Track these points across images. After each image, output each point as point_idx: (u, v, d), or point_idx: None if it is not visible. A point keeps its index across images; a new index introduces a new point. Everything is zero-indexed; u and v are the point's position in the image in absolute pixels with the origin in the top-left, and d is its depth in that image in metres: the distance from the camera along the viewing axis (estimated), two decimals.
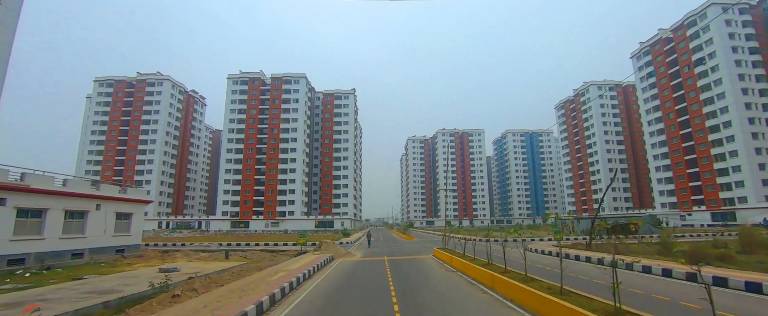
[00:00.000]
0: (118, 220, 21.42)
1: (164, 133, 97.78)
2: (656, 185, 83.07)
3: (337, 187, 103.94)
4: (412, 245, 34.28)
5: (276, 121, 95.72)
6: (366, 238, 37.39)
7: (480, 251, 20.47)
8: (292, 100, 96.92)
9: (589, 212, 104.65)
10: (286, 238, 49.14)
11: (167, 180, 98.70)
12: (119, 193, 21.62)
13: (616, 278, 7.64)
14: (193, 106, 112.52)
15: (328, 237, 47.78)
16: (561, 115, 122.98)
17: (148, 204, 25.00)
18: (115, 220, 21.06)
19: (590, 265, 20.28)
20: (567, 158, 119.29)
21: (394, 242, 40.48)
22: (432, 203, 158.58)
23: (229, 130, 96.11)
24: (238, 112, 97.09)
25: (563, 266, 10.92)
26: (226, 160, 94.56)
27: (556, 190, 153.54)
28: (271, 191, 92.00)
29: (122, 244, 21.71)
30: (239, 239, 49.54)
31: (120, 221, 21.64)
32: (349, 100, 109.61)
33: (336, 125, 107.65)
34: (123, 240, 21.77)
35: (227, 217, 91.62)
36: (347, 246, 35.30)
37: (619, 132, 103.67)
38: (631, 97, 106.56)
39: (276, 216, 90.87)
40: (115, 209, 21.27)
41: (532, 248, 28.96)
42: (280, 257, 22.63)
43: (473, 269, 15.83)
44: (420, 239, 47.78)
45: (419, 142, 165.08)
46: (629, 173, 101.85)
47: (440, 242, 39.23)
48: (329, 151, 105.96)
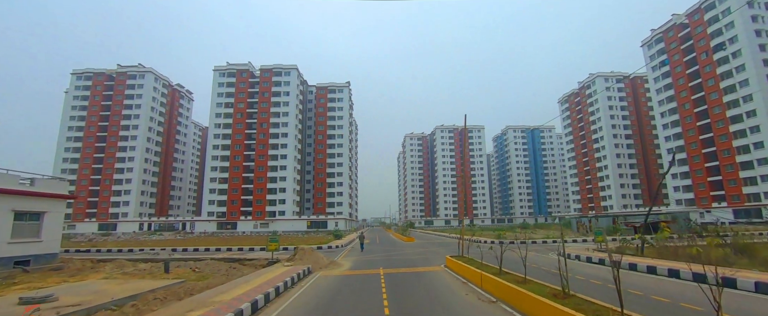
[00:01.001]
0: (18, 221, 15.67)
1: (146, 128, 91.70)
2: (670, 180, 77.98)
3: (331, 185, 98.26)
4: (414, 250, 28.75)
5: (265, 116, 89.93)
6: (358, 240, 31.90)
7: (507, 260, 14.94)
8: (283, 93, 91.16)
9: (597, 210, 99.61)
10: (264, 241, 43.35)
11: (150, 179, 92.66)
12: (20, 184, 15.89)
13: None
14: (178, 100, 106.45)
15: (312, 241, 42.21)
16: (565, 109, 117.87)
17: (68, 200, 19.16)
18: (12, 221, 15.33)
19: (658, 278, 14.82)
20: (572, 154, 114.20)
21: (393, 246, 34.97)
22: (430, 201, 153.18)
23: (215, 125, 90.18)
24: (224, 106, 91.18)
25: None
26: (212, 157, 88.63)
27: (558, 188, 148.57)
28: (260, 190, 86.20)
29: (26, 254, 15.92)
30: (221, 242, 43.79)
31: (22, 222, 15.89)
32: (343, 93, 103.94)
33: (330, 120, 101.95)
34: (27, 248, 15.95)
35: (213, 218, 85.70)
36: (337, 251, 29.74)
37: (628, 126, 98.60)
38: (640, 90, 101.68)
39: (265, 217, 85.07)
40: (10, 205, 15.50)
41: (568, 254, 23.51)
42: (243, 268, 17.09)
43: (532, 301, 9.22)
44: (422, 241, 42.19)
45: (417, 139, 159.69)
46: (638, 169, 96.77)
47: (447, 244, 33.71)
48: (323, 148, 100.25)
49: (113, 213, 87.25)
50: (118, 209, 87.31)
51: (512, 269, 14.06)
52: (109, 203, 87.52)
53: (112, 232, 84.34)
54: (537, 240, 34.36)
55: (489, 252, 17.33)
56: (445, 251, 26.52)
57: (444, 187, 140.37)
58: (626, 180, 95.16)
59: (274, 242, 19.44)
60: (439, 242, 41.84)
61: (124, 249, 33.05)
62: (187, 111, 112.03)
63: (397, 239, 50.35)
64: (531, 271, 13.98)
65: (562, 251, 17.00)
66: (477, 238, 41.38)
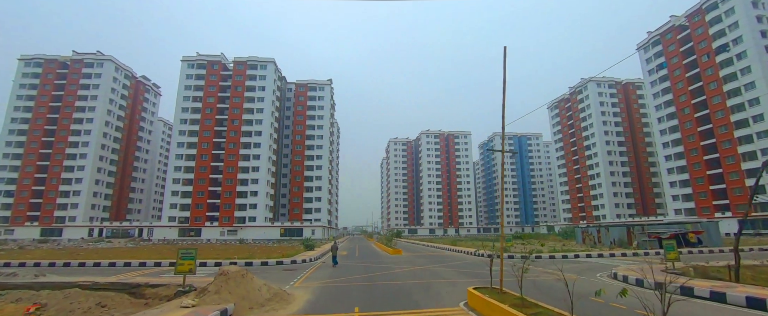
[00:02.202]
0: None
1: (103, 123, 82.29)
2: (668, 188, 74.03)
3: (309, 190, 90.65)
4: (405, 268, 21.68)
5: (238, 112, 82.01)
6: (331, 253, 24.95)
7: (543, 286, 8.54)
8: (258, 87, 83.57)
9: (588, 221, 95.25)
10: (216, 253, 36.12)
11: (105, 179, 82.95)
12: None
13: None
14: (143, 94, 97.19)
15: (276, 252, 35.06)
16: (555, 115, 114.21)
17: None
18: None
19: None
20: (561, 161, 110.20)
21: (376, 260, 28.03)
22: (414, 209, 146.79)
23: (181, 121, 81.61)
24: (192, 100, 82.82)
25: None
26: (176, 155, 79.89)
27: (545, 197, 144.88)
28: (228, 194, 77.88)
29: None
30: (149, 253, 35.84)
31: None
32: (324, 91, 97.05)
33: (309, 120, 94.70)
34: None
35: (175, 223, 76.72)
36: (301, 268, 22.67)
37: (620, 132, 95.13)
38: (632, 96, 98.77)
39: (234, 223, 76.71)
40: None
41: (615, 274, 17.16)
42: (119, 307, 10.11)
43: None
44: (411, 254, 35.26)
45: (402, 144, 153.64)
46: (631, 178, 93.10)
47: (444, 259, 26.98)
48: (301, 149, 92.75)
49: (59, 216, 77.14)
50: (65, 211, 77.27)
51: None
52: (54, 204, 77.41)
53: (56, 238, 74.48)
54: (542, 254, 28.17)
55: (509, 270, 10.99)
56: (446, 270, 19.99)
57: (429, 194, 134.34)
58: (619, 189, 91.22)
59: (188, 260, 12.42)
60: (431, 254, 35.11)
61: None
62: (154, 106, 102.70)
63: (381, 250, 43.09)
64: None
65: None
66: (472, 249, 34.98)
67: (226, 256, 29.03)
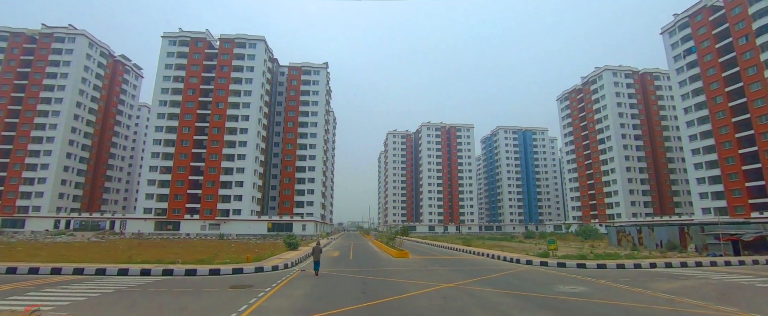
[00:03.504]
0: None
1: (74, 104, 74.51)
2: (695, 185, 67.44)
3: (301, 181, 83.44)
4: (424, 281, 13.68)
5: (223, 95, 74.47)
6: (317, 254, 17.70)
7: None
8: (246, 68, 75.99)
9: (600, 220, 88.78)
10: (173, 252, 29.02)
11: (76, 166, 75.28)
12: None
13: None
14: (121, 75, 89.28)
15: (256, 250, 28.10)
16: (565, 107, 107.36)
17: None
18: None
19: None
20: (572, 156, 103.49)
21: (377, 266, 20.53)
22: (413, 205, 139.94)
23: (159, 102, 73.98)
24: (173, 80, 75.18)
25: None
26: (154, 141, 72.34)
27: (550, 194, 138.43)
28: (211, 183, 70.53)
29: None
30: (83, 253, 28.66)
31: None
32: (319, 76, 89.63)
33: (302, 106, 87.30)
34: None
35: (150, 215, 69.31)
36: (269, 279, 15.61)
37: (637, 125, 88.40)
38: (649, 87, 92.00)
39: (217, 216, 69.43)
40: None
41: None
42: None
43: None
44: (421, 257, 27.68)
45: (401, 136, 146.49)
46: (649, 174, 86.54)
47: (472, 265, 19.66)
48: (293, 138, 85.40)
49: (22, 206, 69.54)
50: (29, 200, 69.66)
51: None
52: (17, 192, 69.75)
53: (18, 230, 66.97)
54: (606, 262, 21.32)
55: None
56: (496, 295, 12.84)
57: (429, 189, 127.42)
58: (636, 186, 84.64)
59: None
60: (447, 258, 27.84)
61: None
62: (134, 89, 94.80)
63: (382, 251, 35.53)
64: None
65: None
66: (494, 251, 27.97)
67: (155, 257, 21.85)
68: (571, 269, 19.39)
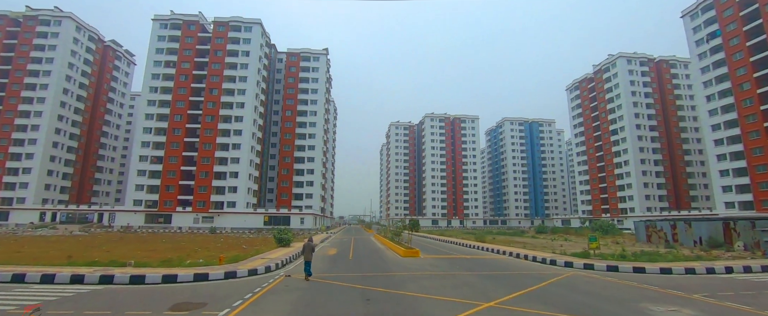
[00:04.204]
0: None
1: (60, 90, 70.70)
2: (718, 178, 63.43)
3: (300, 173, 79.73)
4: (454, 297, 10.75)
5: (217, 81, 70.51)
6: (308, 252, 14.00)
7: None
8: (241, 53, 71.92)
9: (612, 215, 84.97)
10: (144, 250, 25.40)
11: (63, 156, 71.71)
12: None
13: None
14: (112, 61, 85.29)
15: (241, 245, 24.46)
16: (575, 97, 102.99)
17: None
18: None
19: None
20: (581, 148, 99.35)
21: (383, 269, 16.05)
22: (416, 198, 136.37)
23: (150, 89, 70.12)
24: (164, 65, 71.22)
25: None
26: (144, 129, 68.63)
27: (557, 188, 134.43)
28: (204, 174, 66.89)
29: None
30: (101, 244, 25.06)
31: None
32: (319, 62, 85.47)
33: (301, 94, 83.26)
34: None
35: (140, 207, 65.80)
36: (242, 289, 11.90)
37: (653, 115, 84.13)
38: (665, 75, 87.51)
39: (210, 208, 65.88)
40: None
41: None
42: None
43: None
44: (435, 257, 22.73)
45: (403, 128, 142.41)
46: (664, 167, 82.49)
47: (495, 268, 15.56)
48: (291, 127, 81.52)
49: (5, 197, 66.08)
50: (13, 191, 66.20)
51: None
52: (0, 183, 66.27)
53: (2, 222, 63.60)
54: (672, 267, 17.52)
55: None
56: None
57: (433, 182, 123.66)
58: (650, 179, 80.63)
59: None
60: (467, 257, 23.72)
61: None
62: (126, 76, 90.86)
63: (385, 247, 31.62)
64: None
65: None
66: (517, 249, 24.21)
67: (121, 255, 18.15)
68: (626, 274, 15.63)
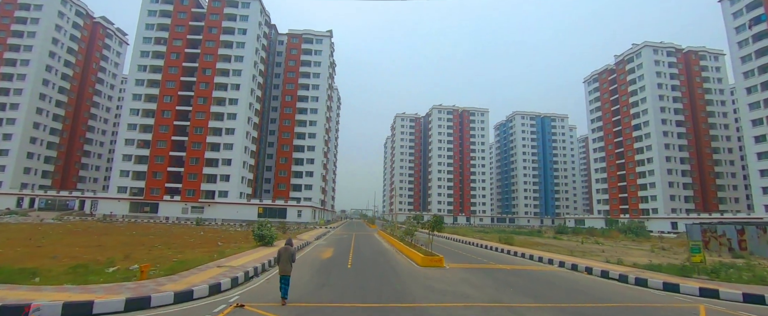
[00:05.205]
0: None
1: (43, 68, 65.58)
2: (758, 178, 57.63)
3: (299, 162, 74.52)
4: None
5: (211, 60, 65.13)
6: (284, 263, 8.93)
7: None
8: (238, 31, 66.44)
9: (632, 215, 79.26)
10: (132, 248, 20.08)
11: (45, 138, 66.78)
12: None
13: None
14: (102, 40, 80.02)
15: (190, 241, 19.16)
16: (593, 90, 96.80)
17: None
18: None
19: None
20: (600, 144, 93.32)
21: (396, 290, 11.18)
22: (421, 193, 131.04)
23: (138, 67, 64.89)
24: (154, 42, 65.91)
25: None
26: (131, 111, 63.54)
27: (568, 186, 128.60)
28: (195, 160, 61.76)
29: None
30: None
31: None
32: (322, 45, 79.83)
33: (302, 78, 77.78)
34: None
35: (125, 195, 60.86)
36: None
37: (680, 110, 78.09)
38: (694, 67, 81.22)
39: (200, 197, 60.83)
40: None
41: None
42: None
43: None
44: (473, 270, 16.59)
45: (409, 120, 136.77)
46: (691, 165, 76.60)
47: (537, 282, 10.15)
48: (291, 113, 76.17)
49: None
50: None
51: None
52: None
53: None
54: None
55: None
56: None
57: (439, 176, 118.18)
58: (676, 178, 74.82)
59: None
60: (508, 268, 17.70)
61: None
62: (118, 56, 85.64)
63: (395, 249, 25.83)
64: None
65: None
66: (585, 262, 18.78)
67: (66, 251, 12.92)
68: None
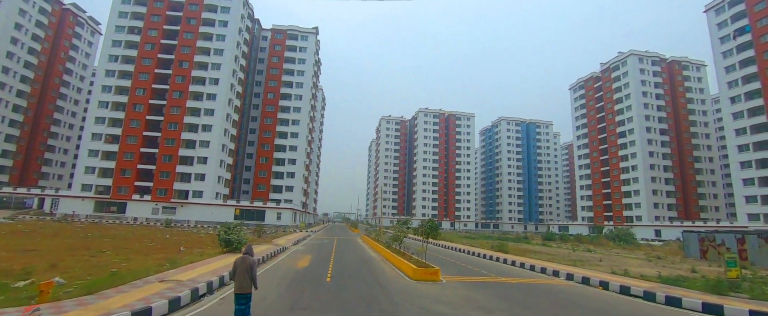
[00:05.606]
0: None
1: (3, 54, 60.74)
2: (741, 187, 57.92)
3: (280, 162, 71.48)
4: None
5: (188, 52, 61.70)
6: (241, 278, 6.73)
7: None
8: (218, 22, 63.27)
9: (615, 222, 79.15)
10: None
11: (3, 130, 61.80)
12: None
13: None
14: (72, 27, 75.30)
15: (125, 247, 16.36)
16: (579, 97, 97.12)
17: None
18: None
19: None
20: (585, 151, 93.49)
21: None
22: (405, 197, 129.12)
23: (109, 57, 60.91)
24: (128, 31, 62.02)
25: None
26: (100, 103, 59.41)
27: (551, 193, 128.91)
28: (168, 158, 58.06)
29: None
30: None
31: None
32: (308, 42, 77.26)
33: (286, 75, 74.96)
34: None
35: (90, 193, 56.58)
36: None
37: (663, 118, 78.76)
38: (677, 77, 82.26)
39: (172, 197, 57.09)
40: None
41: None
42: None
43: None
44: (472, 285, 14.05)
45: (395, 123, 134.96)
46: (674, 173, 77.16)
47: (551, 301, 8.45)
48: (273, 111, 73.17)
49: None
50: None
51: None
52: None
53: None
54: None
55: None
56: None
57: (424, 181, 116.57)
58: (659, 186, 75.14)
59: None
60: (512, 282, 15.01)
61: None
62: (89, 47, 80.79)
63: (381, 258, 23.05)
64: None
65: None
66: (597, 275, 16.93)
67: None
68: None
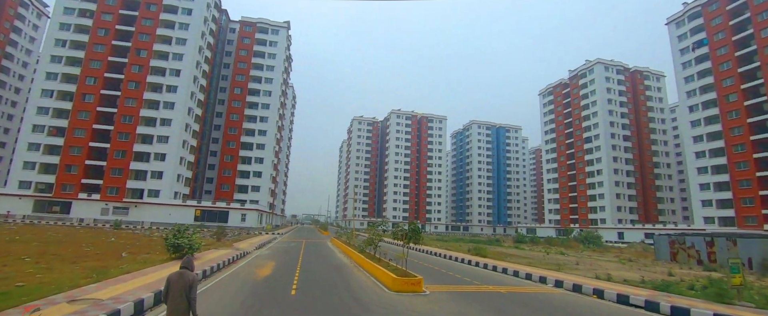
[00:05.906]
0: None
1: None
2: (697, 192, 60.55)
3: (247, 161, 68.03)
4: None
5: (147, 40, 57.34)
6: (174, 299, 4.86)
7: None
8: (182, 10, 59.26)
9: (581, 225, 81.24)
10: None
11: None
12: None
13: None
14: (15, 8, 68.43)
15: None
16: (548, 102, 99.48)
17: None
18: None
19: None
20: (552, 155, 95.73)
21: None
22: (376, 199, 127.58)
23: (56, 42, 55.58)
24: (79, 14, 56.89)
25: None
26: (43, 91, 53.91)
27: (520, 196, 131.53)
28: (121, 154, 53.49)
29: None
30: None
31: None
32: (278, 36, 74.30)
33: (255, 70, 71.63)
34: None
35: (28, 191, 51.07)
36: None
37: (627, 125, 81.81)
38: (639, 86, 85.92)
39: (125, 196, 52.57)
40: None
41: None
42: None
43: None
44: (460, 297, 11.90)
45: (367, 124, 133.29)
46: (635, 178, 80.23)
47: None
48: (240, 107, 69.62)
49: None
50: None
51: None
52: None
53: None
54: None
55: None
56: None
57: (395, 183, 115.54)
58: (622, 190, 77.79)
59: None
60: (502, 291, 13.30)
61: None
62: (35, 30, 73.90)
63: (354, 264, 19.54)
64: None
65: None
66: (587, 282, 15.89)
67: None
68: None
